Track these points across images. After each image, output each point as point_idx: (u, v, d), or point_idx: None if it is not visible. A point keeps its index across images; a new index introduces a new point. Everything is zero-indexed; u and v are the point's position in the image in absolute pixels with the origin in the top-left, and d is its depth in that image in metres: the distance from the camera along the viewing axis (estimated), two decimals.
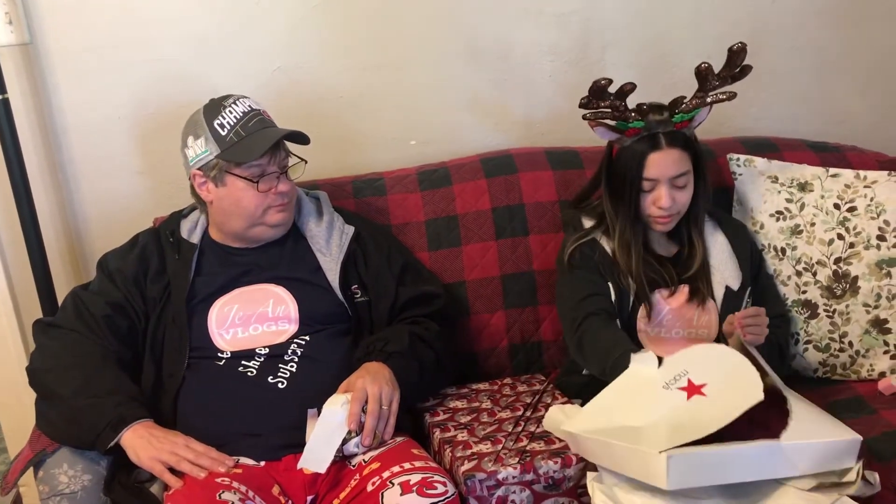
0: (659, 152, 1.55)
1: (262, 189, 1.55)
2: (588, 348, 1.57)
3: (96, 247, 1.94)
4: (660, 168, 1.55)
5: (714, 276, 1.65)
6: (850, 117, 2.25)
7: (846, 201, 1.76)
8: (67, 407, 1.44)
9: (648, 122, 1.55)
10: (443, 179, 1.89)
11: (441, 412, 1.60)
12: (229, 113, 1.56)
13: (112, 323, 1.55)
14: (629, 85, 1.54)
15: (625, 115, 1.57)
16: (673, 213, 1.59)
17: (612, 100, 1.55)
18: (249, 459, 1.45)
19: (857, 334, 1.73)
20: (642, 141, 1.56)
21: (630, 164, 1.57)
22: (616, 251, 1.62)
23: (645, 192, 1.58)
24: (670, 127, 1.56)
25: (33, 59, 1.85)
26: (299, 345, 1.56)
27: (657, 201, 1.57)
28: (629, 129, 1.57)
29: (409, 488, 1.28)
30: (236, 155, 1.53)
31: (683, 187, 1.58)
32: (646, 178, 1.56)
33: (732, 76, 1.57)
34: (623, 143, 1.59)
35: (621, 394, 1.39)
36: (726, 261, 1.66)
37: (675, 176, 1.56)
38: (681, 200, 1.59)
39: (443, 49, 2.01)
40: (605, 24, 2.06)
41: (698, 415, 1.26)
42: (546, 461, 1.38)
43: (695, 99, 1.58)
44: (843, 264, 1.74)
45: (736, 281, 1.64)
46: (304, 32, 1.94)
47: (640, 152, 1.55)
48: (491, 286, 1.83)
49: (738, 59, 1.54)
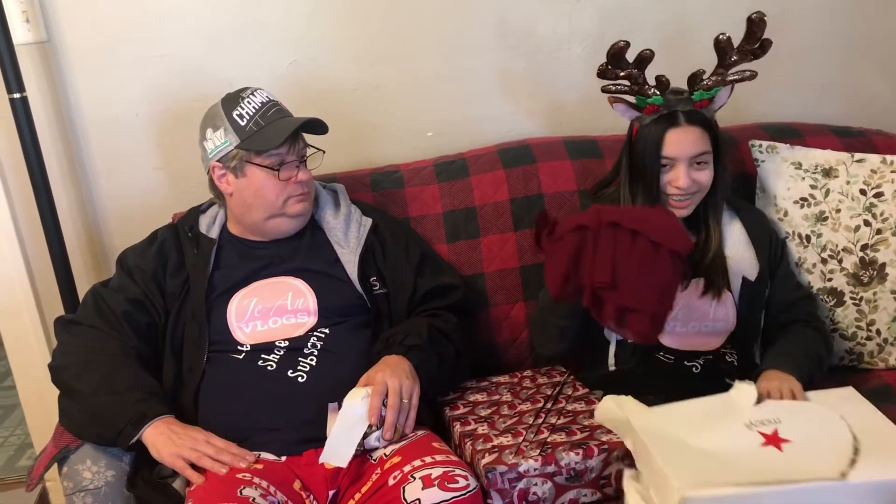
0: (677, 129, 1.52)
1: (282, 177, 1.54)
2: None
3: (115, 243, 1.95)
4: (679, 146, 1.52)
5: (731, 267, 1.61)
6: (874, 101, 2.21)
7: (872, 187, 1.73)
8: (89, 404, 1.44)
9: (667, 100, 1.53)
10: (460, 171, 1.88)
11: (461, 405, 1.59)
12: (248, 104, 1.56)
13: (132, 319, 1.56)
14: (647, 51, 1.50)
15: (643, 88, 1.53)
16: (691, 193, 1.55)
17: (630, 68, 1.52)
18: (270, 454, 1.45)
19: (884, 322, 1.70)
20: (661, 119, 1.53)
21: (649, 143, 1.54)
22: None
23: (664, 172, 1.55)
24: (689, 105, 1.53)
25: (51, 57, 1.86)
26: (319, 338, 1.55)
27: (675, 181, 1.54)
28: (648, 106, 1.54)
29: (431, 482, 1.28)
30: (256, 143, 1.53)
31: (703, 168, 1.55)
32: (664, 156, 1.53)
33: (753, 51, 1.52)
34: (643, 122, 1.56)
35: (701, 411, 1.34)
36: (743, 251, 1.62)
37: (694, 155, 1.53)
38: (700, 181, 1.55)
39: (458, 39, 2.00)
40: (624, 10, 2.03)
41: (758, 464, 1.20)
42: (567, 453, 1.37)
43: (714, 75, 1.54)
44: (870, 251, 1.70)
45: (753, 271, 1.60)
46: (318, 25, 1.94)
47: (658, 130, 1.53)
48: (510, 277, 1.81)
49: (759, 30, 1.49)
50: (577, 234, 1.38)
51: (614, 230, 1.36)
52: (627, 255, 1.35)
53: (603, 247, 1.36)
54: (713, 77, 1.55)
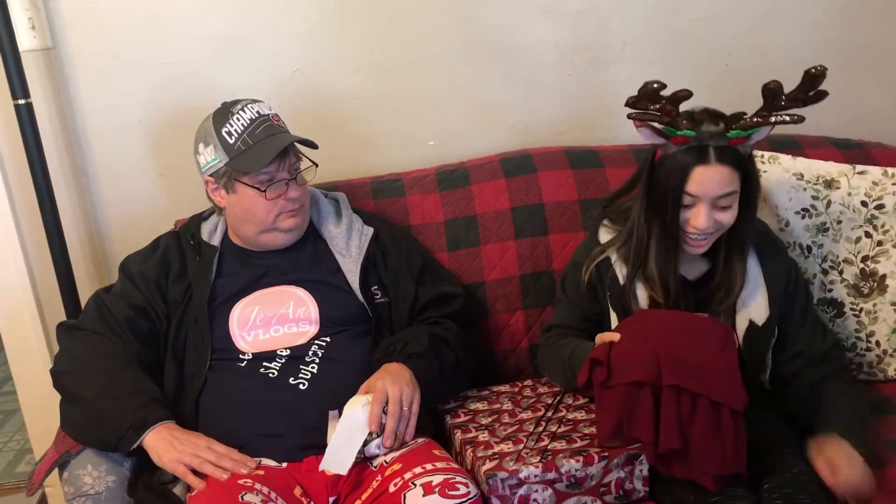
0: (706, 166, 1.38)
1: (270, 197, 1.55)
2: (550, 353, 1.58)
3: (118, 249, 1.95)
4: (704, 185, 1.39)
5: (739, 308, 1.50)
6: (873, 114, 2.21)
7: (874, 198, 1.73)
8: (90, 409, 1.45)
9: (699, 132, 1.39)
10: (461, 179, 1.88)
11: (462, 414, 1.59)
12: (237, 120, 1.55)
13: (134, 325, 1.56)
14: (684, 92, 1.37)
15: (675, 120, 1.40)
16: (709, 234, 1.44)
17: (664, 103, 1.39)
18: (271, 461, 1.45)
19: (884, 333, 1.71)
20: (690, 151, 1.39)
21: (673, 175, 1.40)
22: (639, 273, 1.50)
23: (684, 207, 1.42)
24: (723, 141, 1.39)
25: (56, 64, 1.87)
26: (320, 346, 1.56)
27: (694, 220, 1.41)
28: (677, 137, 1.41)
29: (432, 489, 1.28)
30: (243, 164, 1.53)
31: (727, 209, 1.42)
32: (687, 192, 1.40)
33: (804, 99, 1.39)
34: (668, 150, 1.42)
35: None
36: (753, 292, 1.50)
37: (720, 196, 1.40)
38: (721, 222, 1.43)
39: (461, 49, 2.01)
40: (624, 21, 2.04)
41: None
42: (568, 460, 1.37)
43: (757, 117, 1.40)
44: (871, 262, 1.71)
45: (762, 316, 1.49)
46: (321, 34, 1.95)
47: (685, 163, 1.39)
48: (510, 286, 1.82)
49: (816, 83, 1.37)
50: (633, 387, 1.33)
51: (677, 393, 1.31)
52: (692, 419, 1.31)
53: (666, 411, 1.31)
54: (755, 118, 1.41)
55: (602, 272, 1.56)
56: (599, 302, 1.58)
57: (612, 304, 1.55)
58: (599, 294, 1.57)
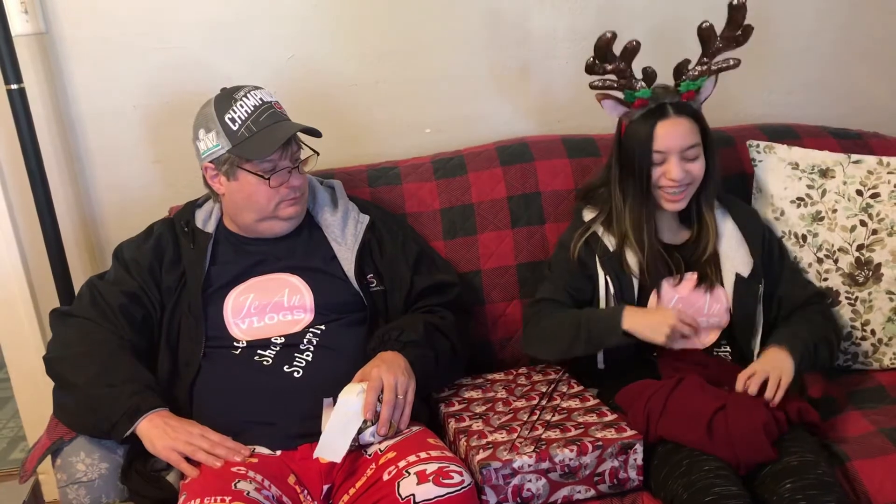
0: (667, 121, 1.54)
1: (273, 185, 1.54)
2: (549, 322, 1.62)
3: (112, 235, 1.95)
4: (669, 138, 1.53)
5: (724, 263, 1.62)
6: (871, 103, 2.21)
7: (869, 188, 1.73)
8: (83, 396, 1.44)
9: (655, 93, 1.55)
10: (458, 168, 1.88)
11: (456, 402, 1.59)
12: (240, 107, 1.54)
13: (127, 312, 1.55)
14: (633, 42, 1.52)
15: (630, 82, 1.55)
16: (685, 185, 1.56)
17: (618, 62, 1.54)
18: (265, 448, 1.45)
19: (879, 322, 1.71)
20: (650, 113, 1.55)
21: (639, 137, 1.55)
22: (625, 240, 1.60)
23: (655, 166, 1.56)
24: (677, 97, 1.56)
25: (49, 49, 1.85)
26: (315, 334, 1.55)
27: (668, 173, 1.55)
28: (636, 101, 1.55)
29: (426, 478, 1.28)
30: (248, 151, 1.52)
31: (694, 159, 1.56)
32: (656, 150, 1.54)
33: (735, 38, 1.55)
34: (631, 118, 1.57)
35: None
36: (736, 247, 1.63)
37: (686, 148, 1.54)
38: (692, 172, 1.56)
39: (457, 36, 2.00)
40: (622, 8, 2.03)
41: None
42: (561, 449, 1.37)
43: (699, 65, 1.57)
44: (866, 251, 1.71)
45: (746, 268, 1.61)
46: (317, 21, 1.93)
47: (648, 123, 1.54)
48: (506, 275, 1.81)
49: (740, 15, 1.52)
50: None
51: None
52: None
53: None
54: (698, 67, 1.57)
55: (591, 245, 1.63)
56: (588, 278, 1.64)
57: (605, 270, 1.61)
58: (590, 267, 1.63)
